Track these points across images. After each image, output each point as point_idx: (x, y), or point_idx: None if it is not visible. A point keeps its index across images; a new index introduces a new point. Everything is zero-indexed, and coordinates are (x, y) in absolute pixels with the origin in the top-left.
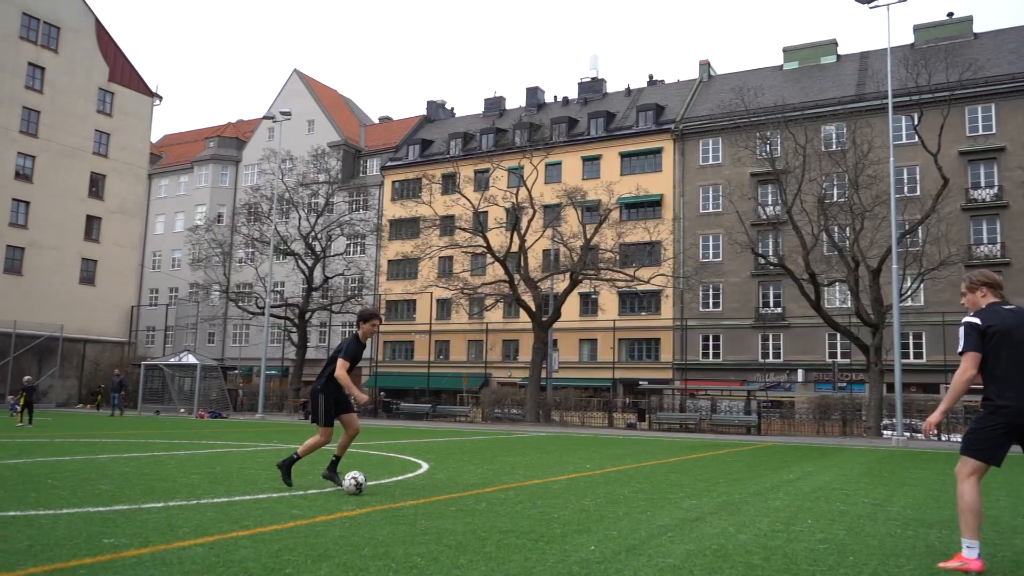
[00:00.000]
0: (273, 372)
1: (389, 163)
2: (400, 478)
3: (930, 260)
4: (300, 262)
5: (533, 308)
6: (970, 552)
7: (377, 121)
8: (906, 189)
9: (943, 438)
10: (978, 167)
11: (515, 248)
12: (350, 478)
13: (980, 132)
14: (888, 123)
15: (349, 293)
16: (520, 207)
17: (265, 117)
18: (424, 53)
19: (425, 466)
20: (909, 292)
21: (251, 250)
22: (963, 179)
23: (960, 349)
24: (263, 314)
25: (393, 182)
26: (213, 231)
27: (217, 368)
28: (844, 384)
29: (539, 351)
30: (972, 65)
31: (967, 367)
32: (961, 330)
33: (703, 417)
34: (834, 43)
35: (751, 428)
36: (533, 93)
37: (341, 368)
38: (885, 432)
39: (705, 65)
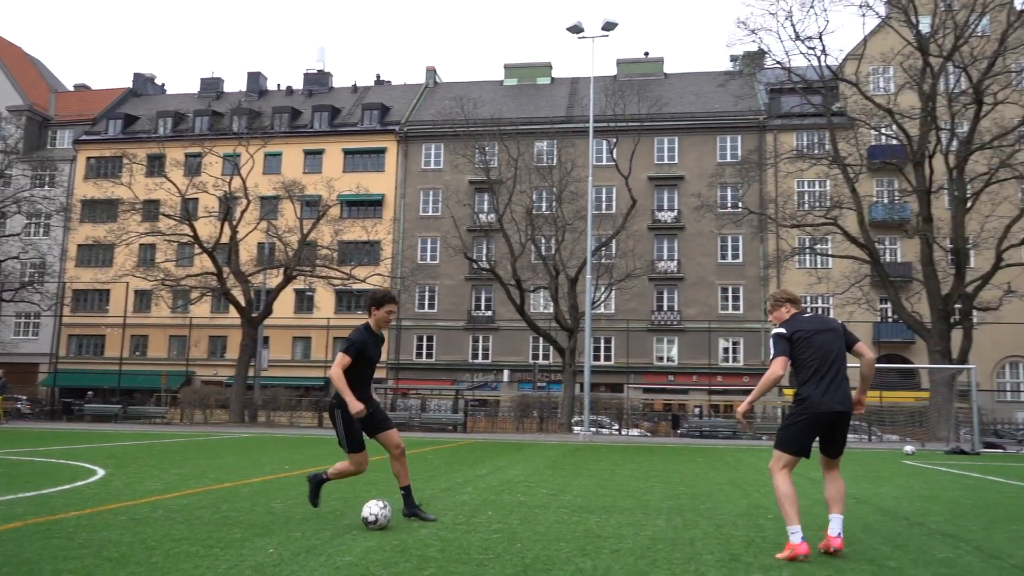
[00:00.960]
0: None
1: (84, 137)
2: (67, 487)
3: (619, 272)
4: None
5: (243, 303)
6: (795, 537)
7: (72, 88)
8: (603, 207)
9: (621, 433)
10: (663, 192)
11: (226, 239)
12: (371, 512)
13: (666, 161)
14: (589, 145)
15: (26, 279)
16: (234, 196)
17: None
18: (133, 19)
19: (101, 473)
20: (601, 300)
21: None
22: (650, 201)
23: (771, 356)
24: None
25: (88, 158)
26: None
27: None
28: (544, 384)
29: (247, 348)
30: (659, 101)
31: (775, 369)
32: (771, 341)
33: (413, 416)
34: (549, 66)
35: (457, 426)
36: (255, 78)
37: (337, 366)
38: (576, 428)
39: (431, 71)
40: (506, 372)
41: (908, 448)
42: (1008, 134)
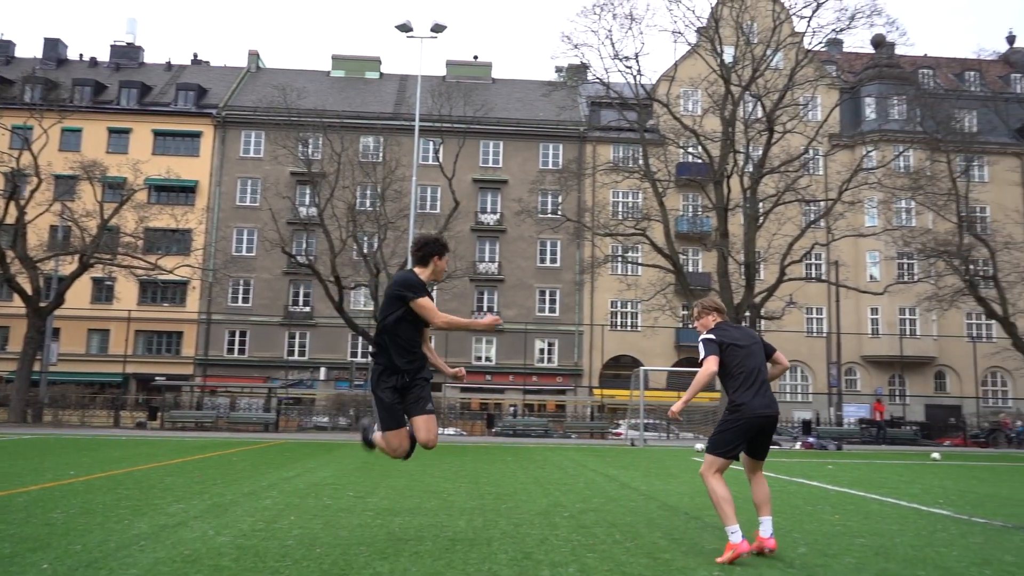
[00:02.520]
0: None
1: None
2: None
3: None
4: None
5: (29, 291)
6: (735, 537)
7: None
8: (428, 206)
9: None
10: (487, 194)
11: (11, 220)
12: None
13: (490, 164)
14: (415, 144)
15: None
16: (22, 173)
17: None
18: None
19: None
20: None
21: None
22: (474, 203)
23: (702, 357)
24: None
25: None
26: None
27: None
28: (362, 382)
29: (33, 341)
30: (486, 105)
31: (709, 366)
32: (700, 345)
33: (220, 415)
34: (379, 61)
35: (269, 426)
36: (53, 45)
37: (431, 310)
38: None
39: (254, 55)
40: (323, 370)
41: (699, 446)
42: (793, 161)
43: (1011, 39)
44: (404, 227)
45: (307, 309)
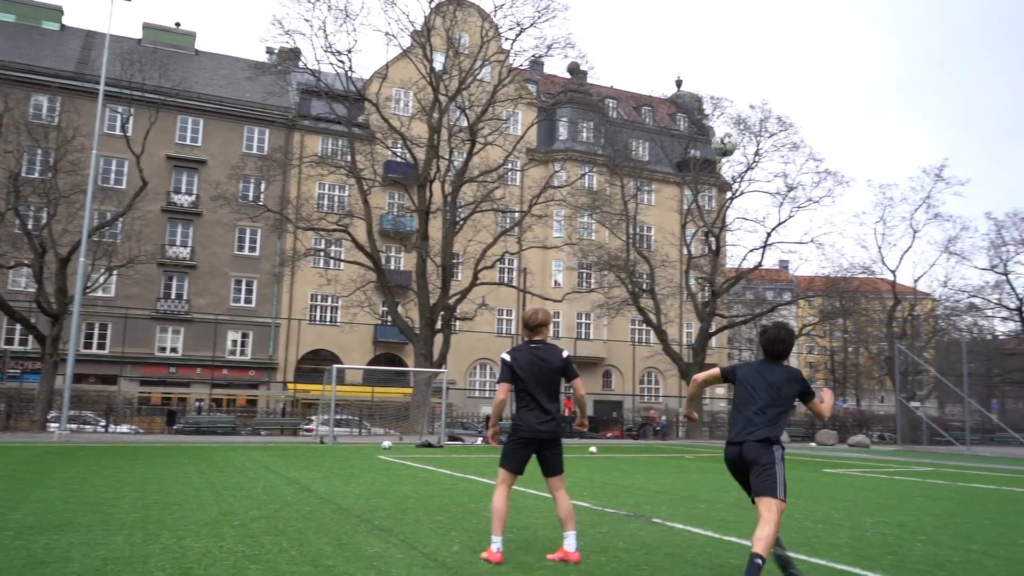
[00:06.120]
0: None
1: None
2: None
3: (123, 255)
4: None
5: None
6: (494, 546)
7: None
8: (112, 180)
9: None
10: (182, 174)
11: None
12: None
13: (188, 142)
14: (98, 111)
15: None
16: None
17: None
18: None
19: None
20: (100, 284)
21: None
22: (167, 182)
23: (498, 380)
24: None
25: None
26: None
27: None
28: (18, 373)
29: None
30: (187, 79)
31: (499, 393)
32: (500, 365)
33: None
34: (60, 10)
35: None
36: None
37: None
38: (51, 425)
39: None
40: None
41: (386, 443)
42: (491, 172)
43: (679, 83)
44: (80, 203)
45: None
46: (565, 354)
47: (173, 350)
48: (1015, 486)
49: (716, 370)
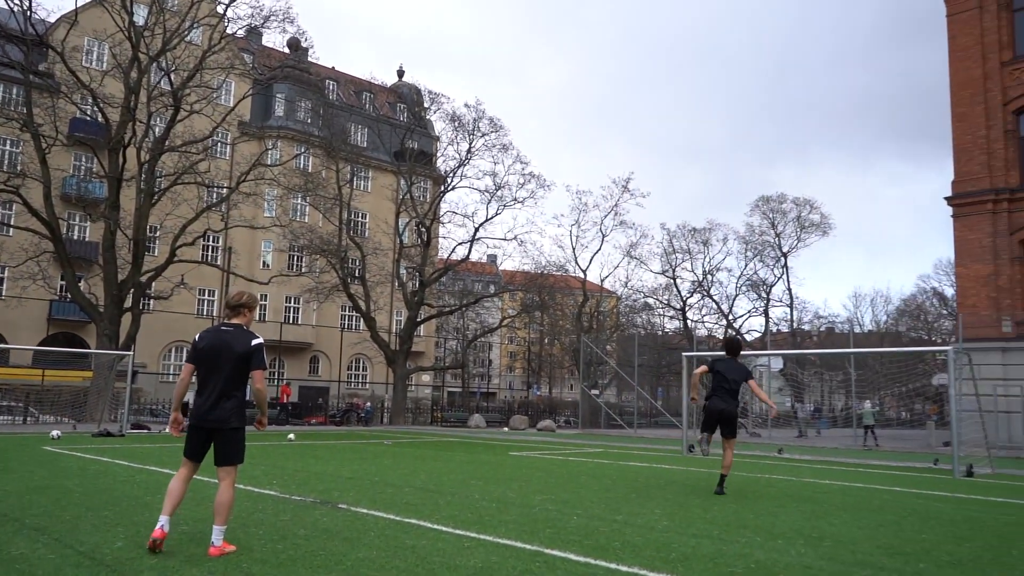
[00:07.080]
0: None
1: None
2: None
3: None
4: None
5: None
6: (158, 524)
7: None
8: None
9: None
10: None
11: None
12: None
13: None
14: None
15: None
16: None
17: None
18: None
19: None
20: None
21: None
22: None
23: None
24: None
25: None
26: None
27: None
28: None
29: None
30: None
31: (182, 374)
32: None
33: None
34: None
35: None
36: None
37: None
38: None
39: None
40: None
41: (54, 432)
42: (196, 143)
43: (400, 73)
44: None
45: None
46: (256, 342)
47: None
48: (663, 463)
49: (704, 366)
